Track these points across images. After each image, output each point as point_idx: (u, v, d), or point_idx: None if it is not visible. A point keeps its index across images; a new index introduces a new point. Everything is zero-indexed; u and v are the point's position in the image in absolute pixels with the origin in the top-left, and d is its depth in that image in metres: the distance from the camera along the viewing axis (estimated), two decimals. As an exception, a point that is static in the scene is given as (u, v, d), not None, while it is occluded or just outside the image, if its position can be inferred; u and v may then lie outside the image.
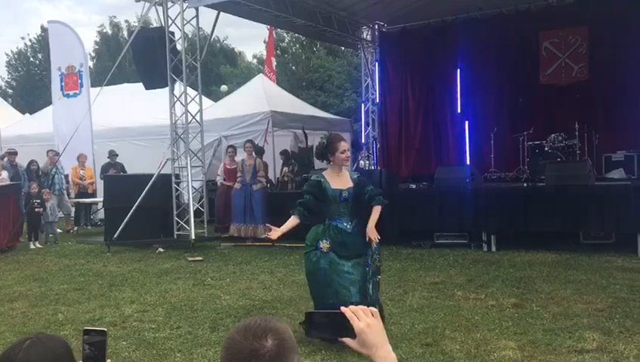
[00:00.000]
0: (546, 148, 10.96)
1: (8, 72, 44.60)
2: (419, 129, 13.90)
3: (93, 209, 14.40)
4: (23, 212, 11.39)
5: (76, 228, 13.45)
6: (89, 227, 13.98)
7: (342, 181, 4.95)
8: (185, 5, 10.37)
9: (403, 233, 9.50)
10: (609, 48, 11.39)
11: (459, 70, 13.25)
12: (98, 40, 44.01)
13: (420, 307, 5.83)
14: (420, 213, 9.65)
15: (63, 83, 14.92)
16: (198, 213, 10.88)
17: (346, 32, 13.74)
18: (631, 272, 6.87)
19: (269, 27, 20.57)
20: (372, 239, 4.90)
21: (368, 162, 15.52)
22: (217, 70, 38.71)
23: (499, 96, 12.65)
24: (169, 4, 10.51)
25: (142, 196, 10.18)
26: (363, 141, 15.28)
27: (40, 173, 13.04)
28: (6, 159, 12.57)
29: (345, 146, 4.97)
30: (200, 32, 11.51)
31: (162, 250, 9.94)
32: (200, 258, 9.12)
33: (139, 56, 10.95)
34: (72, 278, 7.89)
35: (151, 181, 10.35)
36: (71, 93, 14.80)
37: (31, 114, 20.96)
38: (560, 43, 12.35)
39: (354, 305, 1.51)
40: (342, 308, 1.48)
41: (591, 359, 4.26)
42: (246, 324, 1.44)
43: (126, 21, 42.63)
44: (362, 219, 5.01)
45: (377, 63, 14.57)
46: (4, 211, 10.70)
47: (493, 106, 12.61)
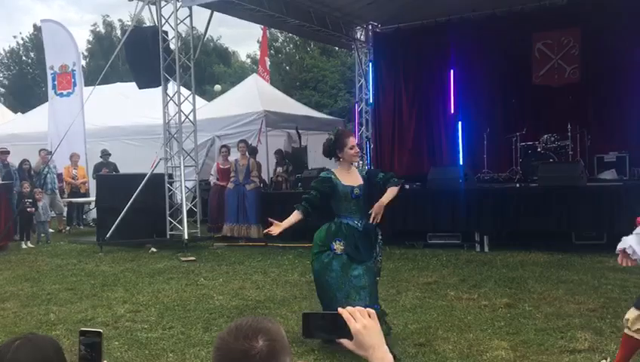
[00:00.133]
0: (539, 148, 11.00)
1: (0, 71, 44.37)
2: (412, 129, 13.91)
3: (85, 208, 14.34)
4: (15, 211, 11.34)
5: (68, 227, 13.40)
6: (81, 227, 13.93)
7: (352, 178, 4.74)
8: (178, 4, 10.35)
9: (396, 233, 9.50)
10: (601, 50, 11.43)
11: (452, 71, 13.26)
12: (91, 39, 43.85)
13: (413, 307, 5.84)
14: (413, 214, 9.68)
15: (56, 82, 14.85)
16: (191, 213, 10.86)
17: (340, 32, 13.73)
18: (622, 273, 6.89)
19: (263, 27, 20.57)
20: (376, 213, 4.67)
21: (362, 162, 15.52)
22: (211, 70, 38.63)
23: (492, 96, 12.67)
24: (162, 3, 10.49)
25: (134, 196, 10.15)
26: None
27: (32, 173, 12.98)
28: (-2, 158, 12.52)
29: (354, 142, 4.79)
30: (193, 32, 11.49)
31: (155, 250, 9.91)
32: (193, 258, 9.10)
33: (132, 55, 10.92)
34: (64, 278, 7.86)
35: (144, 181, 10.32)
36: (64, 92, 14.74)
37: (23, 113, 20.85)
38: (552, 44, 12.39)
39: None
40: (339, 309, 1.48)
41: (583, 359, 4.29)
42: (237, 325, 1.44)
43: (119, 20, 42.49)
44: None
45: (371, 63, 14.57)
46: (-5, 210, 10.65)
47: (486, 107, 12.63)
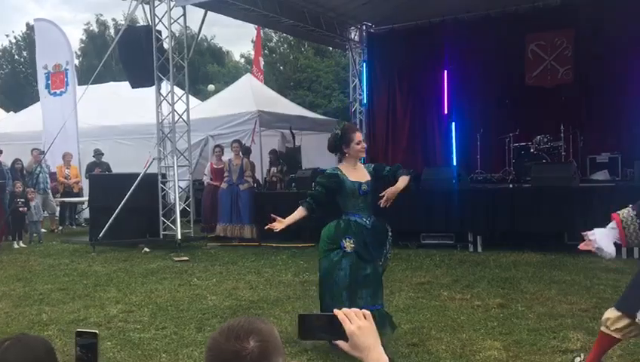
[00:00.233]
0: (532, 149, 11.04)
1: (-7, 70, 44.19)
2: (406, 130, 13.94)
3: (78, 208, 14.29)
4: (8, 211, 11.28)
5: (61, 227, 13.34)
6: (74, 226, 13.87)
7: (359, 174, 4.65)
8: (172, 4, 10.32)
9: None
10: (594, 51, 11.47)
11: (446, 71, 13.29)
12: (84, 38, 43.69)
13: (406, 307, 5.84)
14: (407, 214, 9.66)
15: (50, 81, 14.78)
16: (185, 213, 10.83)
17: (334, 33, 13.74)
18: (615, 273, 6.94)
19: (257, 27, 20.54)
20: (388, 198, 4.62)
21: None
22: (204, 69, 38.57)
23: (485, 97, 12.69)
24: (156, 2, 10.45)
25: (128, 195, 10.12)
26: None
27: (24, 172, 12.92)
28: (-10, 157, 12.47)
29: (360, 137, 4.68)
30: (187, 31, 11.46)
31: (148, 250, 9.89)
32: (186, 258, 9.07)
33: (125, 54, 10.89)
34: (57, 278, 7.82)
35: (137, 180, 10.28)
36: (57, 91, 14.67)
37: (15, 112, 20.76)
38: (546, 45, 12.44)
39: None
40: (335, 311, 1.48)
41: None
42: (229, 325, 1.44)
43: (113, 19, 42.37)
44: (380, 216, 4.78)
45: (365, 64, 14.58)
46: (-13, 210, 10.62)
47: (479, 107, 12.65)
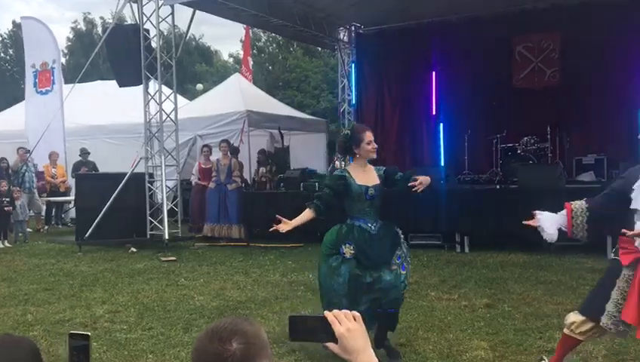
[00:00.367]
0: (519, 150, 11.12)
1: (-22, 68, 43.67)
2: (394, 130, 13.98)
3: (64, 208, 14.18)
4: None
5: (47, 227, 13.24)
6: (60, 226, 13.75)
7: (368, 177, 4.40)
8: (160, 2, 10.27)
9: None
10: (581, 53, 11.56)
11: (434, 73, 13.36)
12: (71, 36, 43.34)
13: (394, 307, 5.85)
14: (394, 214, 9.65)
15: (37, 79, 14.66)
16: (172, 213, 10.78)
17: (323, 33, 13.74)
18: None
19: (246, 26, 20.50)
20: (421, 182, 4.41)
21: (344, 163, 15.53)
22: (193, 68, 38.39)
23: (473, 98, 12.76)
24: (144, 1, 10.39)
25: (114, 195, 10.05)
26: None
27: (10, 171, 12.81)
28: (-25, 156, 12.34)
29: (371, 137, 4.41)
30: (175, 30, 11.41)
31: (135, 250, 9.83)
32: (173, 258, 9.03)
33: (113, 53, 10.82)
34: (42, 278, 7.76)
35: (124, 180, 10.22)
36: (44, 89, 14.56)
37: (1, 111, 20.54)
38: (533, 47, 12.54)
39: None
40: (325, 313, 1.48)
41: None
42: (214, 326, 1.43)
43: (100, 17, 42.06)
44: (388, 221, 4.56)
45: (354, 65, 14.60)
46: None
47: (467, 109, 12.71)
